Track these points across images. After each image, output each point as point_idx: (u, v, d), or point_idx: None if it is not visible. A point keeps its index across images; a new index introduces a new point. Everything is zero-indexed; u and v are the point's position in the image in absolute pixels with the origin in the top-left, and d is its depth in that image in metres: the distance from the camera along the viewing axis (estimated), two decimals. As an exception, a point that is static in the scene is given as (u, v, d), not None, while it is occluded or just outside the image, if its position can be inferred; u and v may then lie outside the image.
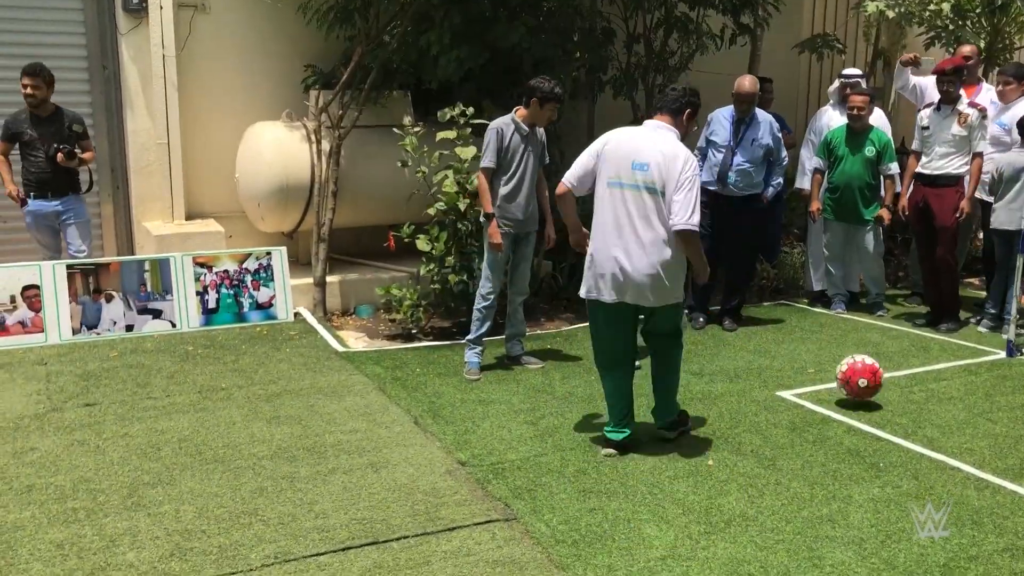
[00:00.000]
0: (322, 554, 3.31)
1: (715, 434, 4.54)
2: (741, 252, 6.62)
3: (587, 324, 4.58)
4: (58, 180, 6.19)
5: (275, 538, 3.43)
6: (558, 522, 3.58)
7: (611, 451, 4.27)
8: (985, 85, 7.21)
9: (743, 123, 6.40)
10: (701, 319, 6.66)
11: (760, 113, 6.49)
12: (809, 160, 7.45)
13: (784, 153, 6.62)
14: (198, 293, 6.45)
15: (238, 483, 3.91)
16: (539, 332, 6.49)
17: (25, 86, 6.04)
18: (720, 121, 6.50)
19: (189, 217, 7.37)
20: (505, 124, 5.37)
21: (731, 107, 6.47)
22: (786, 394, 5.16)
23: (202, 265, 6.50)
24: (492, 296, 5.49)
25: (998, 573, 3.22)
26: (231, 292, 6.56)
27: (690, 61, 7.54)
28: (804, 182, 7.51)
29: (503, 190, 5.40)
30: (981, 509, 3.71)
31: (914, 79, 7.34)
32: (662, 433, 4.48)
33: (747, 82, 6.39)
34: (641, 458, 4.22)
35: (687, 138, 4.37)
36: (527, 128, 5.38)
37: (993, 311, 6.50)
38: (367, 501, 3.75)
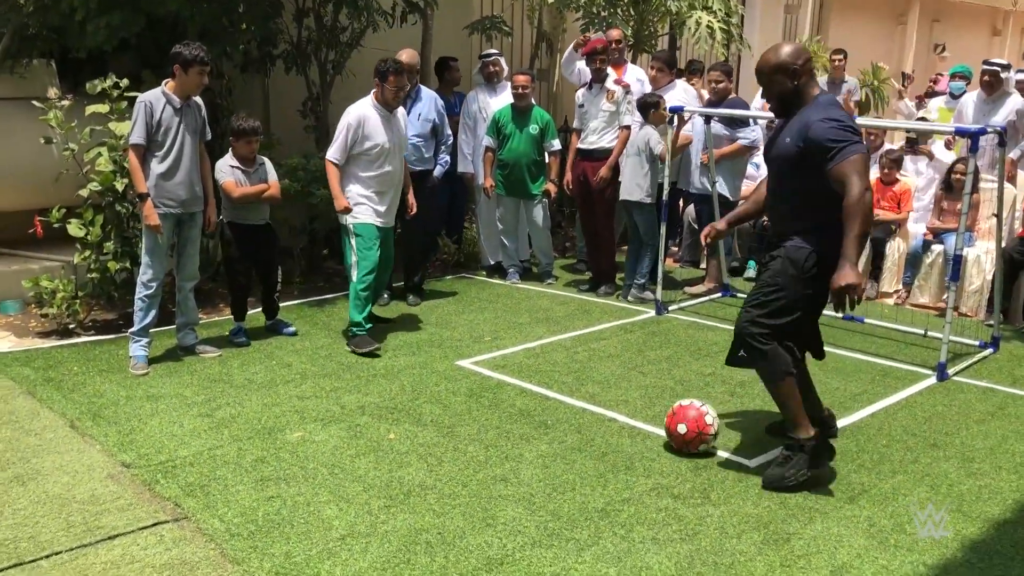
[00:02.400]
0: (-48, 586, 2.92)
1: (397, 407, 4.60)
2: (417, 230, 6.69)
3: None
4: None
5: None
6: (233, 515, 3.44)
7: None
8: (631, 66, 7.89)
9: (408, 97, 6.44)
10: (386, 295, 6.70)
11: (424, 89, 6.63)
12: (466, 144, 7.65)
13: (448, 131, 6.81)
14: None
15: None
16: (216, 319, 6.18)
17: None
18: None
19: None
20: (155, 97, 5.01)
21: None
22: (465, 363, 5.35)
23: None
24: (155, 284, 5.13)
25: (646, 511, 3.57)
26: None
27: (362, 38, 7.50)
28: (466, 165, 7.67)
29: (159, 168, 5.04)
30: (633, 455, 4.10)
31: (579, 64, 7.88)
32: None
33: (404, 55, 6.37)
34: (323, 440, 4.17)
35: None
36: (180, 100, 5.05)
37: (640, 281, 6.89)
38: (11, 519, 3.36)
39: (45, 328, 5.87)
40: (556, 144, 7.39)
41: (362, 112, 5.58)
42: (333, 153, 5.59)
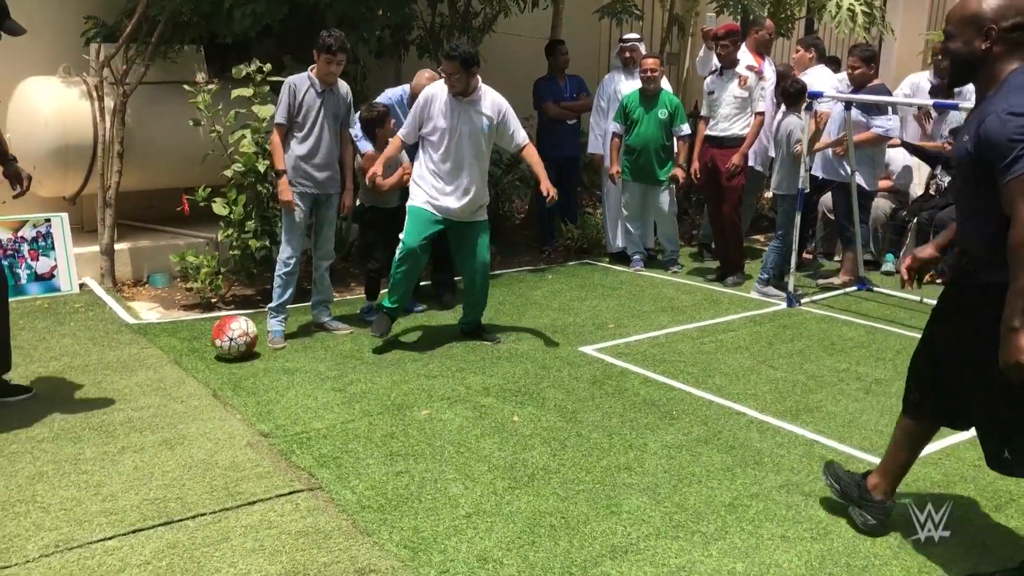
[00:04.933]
0: (110, 538, 3.11)
1: (521, 390, 4.64)
2: None
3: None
4: None
5: (56, 525, 3.19)
6: (364, 488, 3.54)
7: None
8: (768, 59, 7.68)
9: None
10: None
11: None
12: (598, 126, 7.66)
13: None
14: (-35, 265, 5.84)
15: (13, 469, 3.61)
16: (348, 297, 6.37)
17: None
18: (404, 106, 6.15)
19: (-48, 181, 6.65)
20: (300, 80, 5.21)
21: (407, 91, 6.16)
22: (588, 349, 5.34)
23: (-32, 234, 5.90)
24: (292, 261, 5.32)
25: (775, 508, 3.48)
26: (5, 263, 5.99)
27: (494, 23, 7.55)
28: (597, 147, 7.70)
29: (298, 149, 5.23)
30: (762, 450, 4.00)
31: (716, 60, 7.72)
32: None
33: (423, 79, 5.86)
34: (449, 419, 4.25)
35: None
36: (321, 85, 5.21)
37: (764, 276, 6.66)
38: (160, 480, 3.56)
39: (189, 301, 6.19)
40: (685, 129, 7.27)
41: (430, 92, 5.24)
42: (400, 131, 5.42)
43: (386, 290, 5.48)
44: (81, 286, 6.29)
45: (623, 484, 3.64)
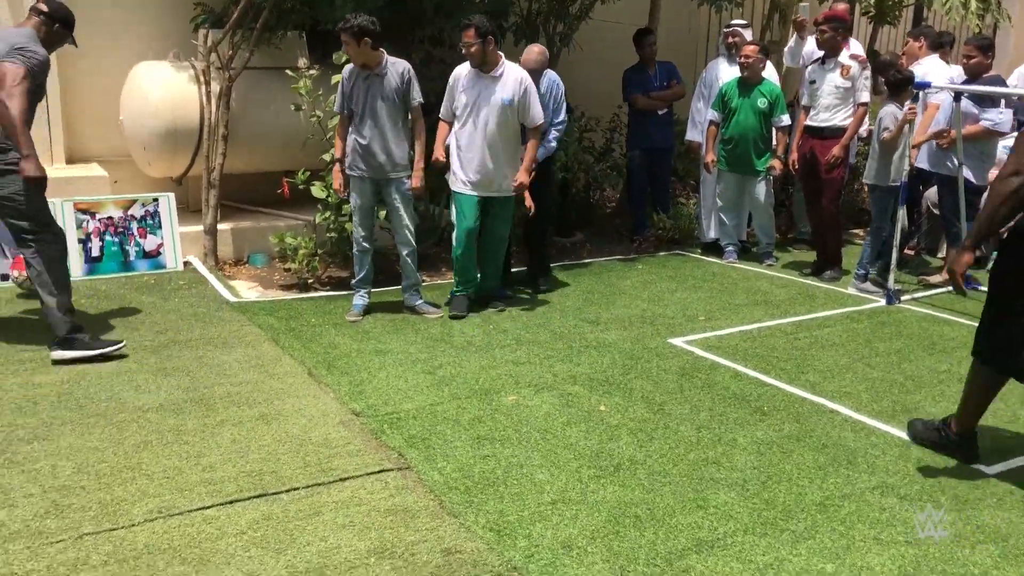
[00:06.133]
0: (208, 507, 3.24)
1: (608, 380, 4.62)
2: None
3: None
4: None
5: (159, 492, 3.34)
6: (451, 470, 3.60)
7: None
8: (853, 41, 7.37)
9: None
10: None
11: (548, 77, 6.07)
12: (699, 113, 7.59)
13: (562, 114, 6.12)
14: (80, 241, 6.16)
15: (121, 437, 3.79)
16: (439, 282, 6.45)
17: None
18: None
19: (72, 161, 7.01)
20: (349, 68, 5.35)
21: None
22: (677, 341, 5.28)
23: (84, 211, 6.19)
24: (362, 240, 5.53)
25: (868, 509, 3.39)
26: (116, 240, 6.29)
27: (591, 9, 7.51)
28: (695, 134, 7.65)
29: (353, 134, 5.38)
30: (856, 450, 3.89)
31: (806, 49, 7.52)
32: None
33: (534, 53, 5.95)
34: (536, 405, 4.27)
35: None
36: (364, 70, 5.29)
37: (861, 272, 6.47)
38: (257, 453, 3.69)
39: (286, 281, 6.37)
40: (785, 119, 7.09)
41: (458, 70, 5.49)
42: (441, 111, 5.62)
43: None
44: (185, 264, 6.54)
45: (710, 478, 3.60)
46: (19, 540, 2.99)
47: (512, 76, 5.39)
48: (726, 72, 7.41)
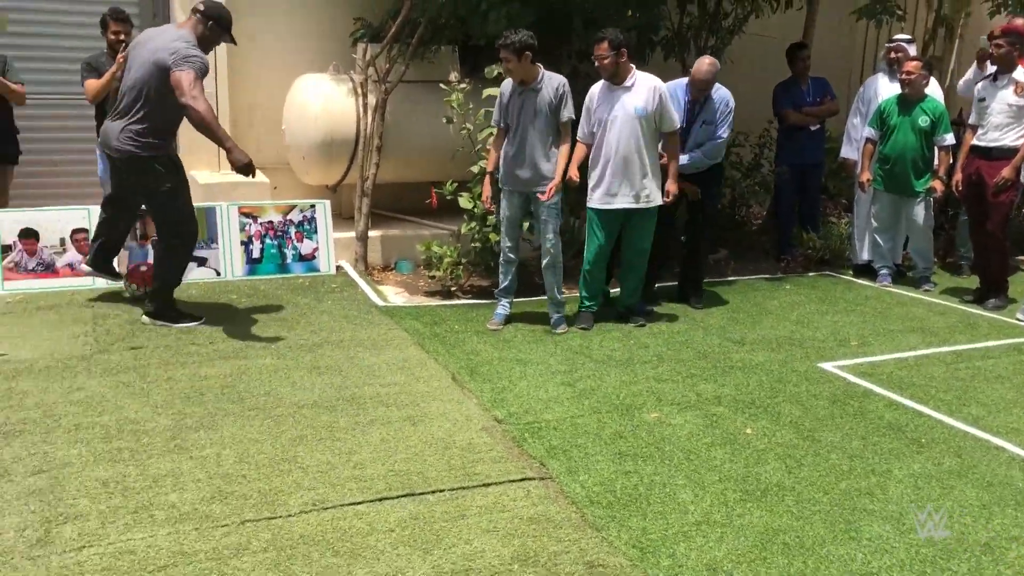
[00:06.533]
0: (359, 503, 3.36)
1: (754, 402, 4.51)
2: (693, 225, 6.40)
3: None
4: None
5: (313, 485, 3.48)
6: (593, 483, 3.59)
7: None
8: None
9: (697, 103, 5.99)
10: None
11: (718, 93, 5.97)
12: (855, 129, 7.33)
13: (722, 132, 5.98)
14: (243, 243, 6.51)
15: (279, 431, 3.97)
16: (569, 295, 6.45)
17: (116, 32, 6.09)
18: (677, 96, 5.99)
19: (236, 167, 7.40)
20: (508, 83, 5.42)
21: (686, 83, 5.99)
22: (827, 366, 5.10)
23: (247, 215, 6.55)
24: (508, 251, 5.62)
25: (1039, 554, 3.17)
26: (275, 243, 6.61)
27: (744, 23, 7.38)
28: (850, 151, 7.40)
29: (505, 148, 5.47)
30: (1024, 490, 3.65)
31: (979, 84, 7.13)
32: None
33: (704, 65, 5.84)
34: (679, 424, 4.21)
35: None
36: (517, 85, 5.36)
37: None
38: (404, 453, 3.79)
39: (431, 288, 6.53)
40: (948, 139, 6.75)
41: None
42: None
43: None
44: (337, 268, 6.81)
45: (863, 510, 3.45)
46: (188, 522, 3.18)
47: (645, 85, 5.40)
48: (886, 88, 7.13)
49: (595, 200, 5.56)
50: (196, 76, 4.83)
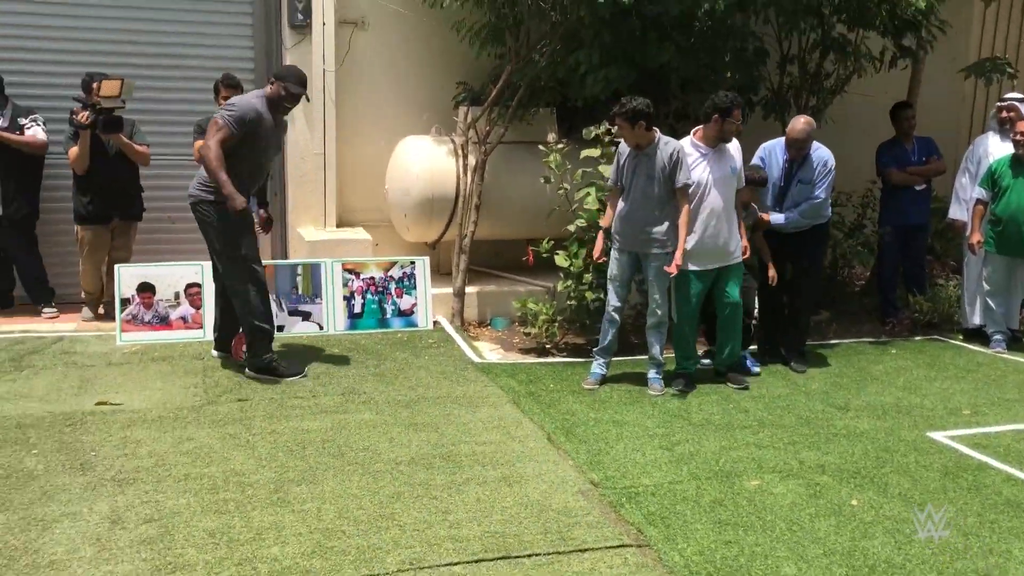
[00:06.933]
0: (455, 564, 3.37)
1: (860, 472, 4.35)
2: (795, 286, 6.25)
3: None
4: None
5: (411, 544, 3.51)
6: (692, 552, 3.51)
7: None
8: None
9: (795, 162, 5.98)
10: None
11: (817, 152, 5.95)
12: (963, 190, 7.11)
13: (819, 192, 5.93)
14: (345, 298, 6.70)
15: (377, 486, 4.03)
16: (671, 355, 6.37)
17: (226, 97, 6.39)
18: (776, 156, 6.06)
19: (339, 225, 7.66)
20: (624, 144, 5.48)
21: (784, 142, 6.01)
22: (938, 435, 4.89)
23: (350, 271, 6.74)
24: (612, 310, 5.61)
25: None
26: (376, 298, 6.78)
27: (846, 83, 7.29)
28: (958, 212, 7.16)
29: (619, 207, 5.53)
30: None
31: None
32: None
33: (800, 124, 5.88)
34: (781, 493, 4.09)
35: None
36: (635, 150, 5.40)
37: None
38: (500, 515, 3.79)
39: (526, 345, 6.56)
40: (1066, 200, 6.47)
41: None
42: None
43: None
44: (435, 323, 6.92)
45: (981, 593, 3.28)
46: (290, 575, 3.24)
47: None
48: (996, 148, 6.91)
49: (691, 261, 5.51)
50: (221, 124, 5.23)
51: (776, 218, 6.03)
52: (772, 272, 5.96)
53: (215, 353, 5.93)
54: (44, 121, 6.76)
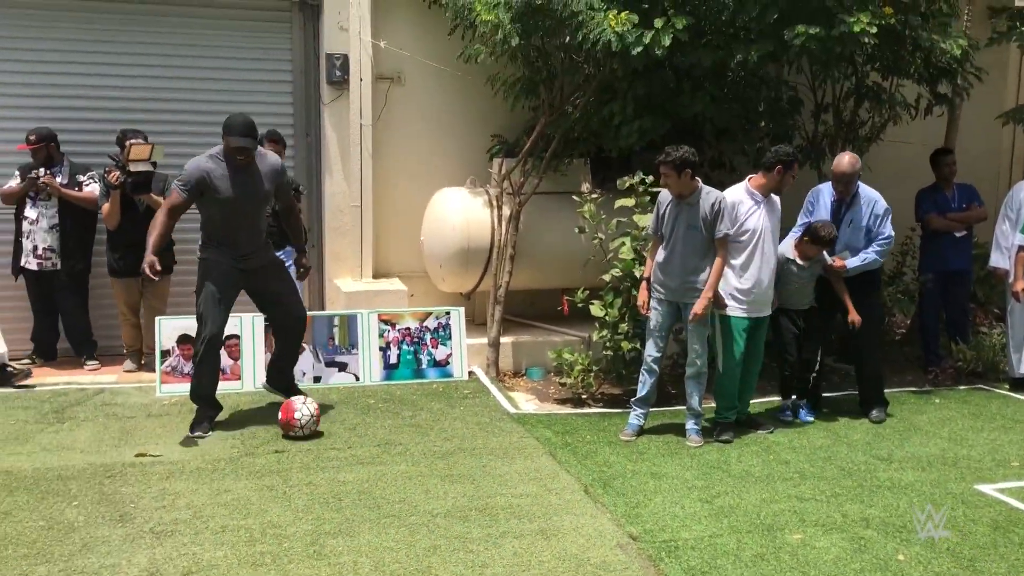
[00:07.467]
0: (492, 619, 3.32)
1: (906, 526, 4.24)
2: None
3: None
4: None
5: (447, 599, 3.47)
6: (734, 609, 3.44)
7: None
8: None
9: (843, 203, 5.94)
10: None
11: (864, 192, 5.93)
12: (1004, 236, 6.99)
13: (886, 230, 5.92)
14: (381, 349, 6.73)
15: (413, 539, 4.00)
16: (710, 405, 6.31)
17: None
18: (823, 198, 6.02)
19: (376, 275, 7.73)
20: (665, 192, 5.49)
21: (831, 184, 5.99)
22: (987, 488, 4.76)
23: (386, 322, 6.78)
24: (649, 359, 5.57)
25: None
26: (411, 349, 6.80)
27: (882, 131, 7.26)
28: (1000, 260, 7.04)
29: (659, 256, 5.52)
30: None
31: None
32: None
33: (846, 160, 5.85)
34: (824, 547, 4.00)
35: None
36: (677, 198, 5.40)
37: None
38: (537, 569, 3.74)
39: (561, 395, 6.53)
40: (1112, 246, 6.35)
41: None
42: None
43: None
44: (470, 374, 6.92)
45: (1037, 654, 3.16)
46: (326, 630, 3.22)
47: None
48: (1041, 195, 6.82)
49: (736, 309, 5.52)
50: (171, 190, 5.55)
51: (853, 262, 5.91)
52: (855, 316, 5.87)
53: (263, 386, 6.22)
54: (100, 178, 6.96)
